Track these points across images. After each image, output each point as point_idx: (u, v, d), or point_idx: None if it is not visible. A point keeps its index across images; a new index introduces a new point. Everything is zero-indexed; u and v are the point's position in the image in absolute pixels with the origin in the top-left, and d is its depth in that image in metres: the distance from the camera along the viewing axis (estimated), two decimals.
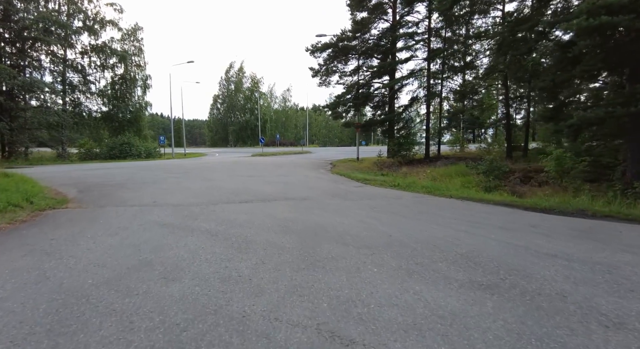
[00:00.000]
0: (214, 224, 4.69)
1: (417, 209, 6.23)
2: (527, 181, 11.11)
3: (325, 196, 7.43)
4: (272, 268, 3.08)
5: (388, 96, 20.26)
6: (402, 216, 5.51)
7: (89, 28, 26.11)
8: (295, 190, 8.43)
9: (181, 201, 6.48)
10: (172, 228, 4.47)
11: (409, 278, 2.90)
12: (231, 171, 13.43)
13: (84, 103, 27.61)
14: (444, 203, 7.02)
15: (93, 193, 7.31)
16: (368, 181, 10.95)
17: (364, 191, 8.67)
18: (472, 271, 3.06)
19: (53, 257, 3.28)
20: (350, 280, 2.85)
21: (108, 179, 10.26)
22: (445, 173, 12.53)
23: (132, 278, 2.82)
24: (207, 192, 7.70)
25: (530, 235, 4.39)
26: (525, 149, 15.82)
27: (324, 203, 6.54)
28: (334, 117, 23.56)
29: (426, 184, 10.21)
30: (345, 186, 9.70)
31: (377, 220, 5.09)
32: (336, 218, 5.21)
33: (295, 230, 4.47)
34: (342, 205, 6.47)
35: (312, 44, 19.59)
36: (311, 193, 7.83)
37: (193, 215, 5.31)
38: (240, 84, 69.71)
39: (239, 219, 5.03)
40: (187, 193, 7.52)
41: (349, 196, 7.55)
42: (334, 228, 4.58)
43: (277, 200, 6.86)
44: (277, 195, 7.49)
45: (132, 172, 12.98)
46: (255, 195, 7.44)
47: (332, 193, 7.97)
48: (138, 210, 5.65)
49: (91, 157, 25.44)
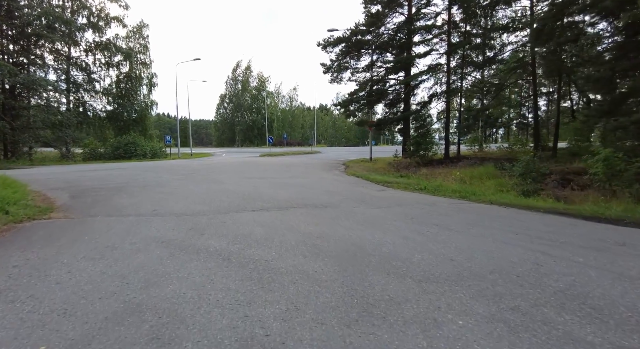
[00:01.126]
0: (225, 242, 3.78)
1: (461, 219, 5.26)
2: (566, 184, 10.05)
3: (349, 203, 6.49)
4: (312, 320, 2.15)
5: (404, 93, 19.24)
6: (449, 229, 4.54)
7: (93, 25, 25.47)
8: (313, 194, 7.50)
9: (186, 210, 5.59)
10: (173, 247, 3.56)
11: (517, 339, 1.95)
12: (240, 172, 12.57)
13: (89, 102, 27.00)
14: (488, 211, 6.03)
15: (86, 199, 6.45)
16: (389, 184, 9.99)
17: (390, 196, 7.71)
18: (603, 327, 2.10)
19: (3, 299, 2.38)
20: (432, 343, 1.91)
21: (107, 182, 9.43)
22: (473, 175, 11.51)
23: (108, 339, 1.91)
24: (215, 197, 6.81)
25: (632, 258, 3.40)
26: (554, 149, 14.71)
27: (351, 212, 5.60)
28: (346, 115, 22.59)
29: (456, 187, 9.22)
30: (367, 189, 8.75)
31: (423, 236, 4.14)
32: (372, 232, 4.27)
33: (327, 250, 3.54)
34: (372, 213, 5.52)
35: (324, 38, 18.70)
36: (332, 199, 6.90)
37: (199, 227, 4.41)
38: (247, 83, 68.97)
39: (254, 234, 4.12)
40: (193, 199, 6.63)
41: (376, 203, 6.60)
42: (375, 247, 3.64)
43: (296, 207, 5.94)
44: (294, 200, 6.57)
45: (135, 173, 12.17)
46: (270, 200, 6.52)
47: (355, 199, 7.02)
48: (134, 221, 4.76)
49: (96, 157, 24.80)
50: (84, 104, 26.81)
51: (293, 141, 63.45)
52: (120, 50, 27.55)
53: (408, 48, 19.02)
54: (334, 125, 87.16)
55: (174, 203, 6.20)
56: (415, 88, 19.12)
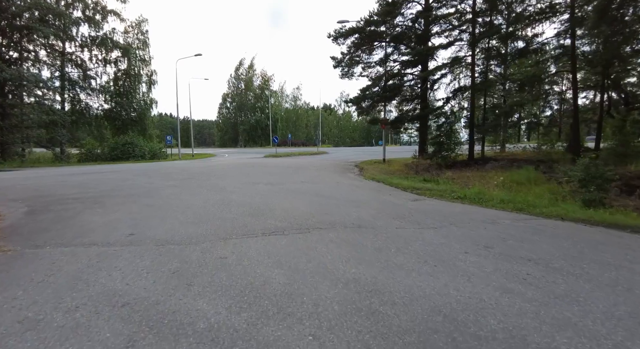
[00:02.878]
0: (224, 305, 2.30)
1: (554, 248, 3.75)
2: (630, 191, 8.50)
3: (386, 219, 5.00)
4: None
5: (420, 89, 17.68)
6: (560, 271, 3.04)
7: (89, 18, 24.09)
8: (336, 206, 6.01)
9: (173, 233, 4.12)
10: (137, 321, 2.09)
11: None
12: (244, 176, 11.10)
13: (85, 100, 25.62)
14: (574, 234, 4.51)
15: (46, 216, 4.99)
16: (419, 191, 8.50)
17: (431, 208, 6.21)
18: None
19: None
20: None
21: (87, 189, 7.98)
22: (513, 180, 9.95)
23: None
24: (214, 212, 5.34)
25: None
26: (596, 149, 13.13)
27: (397, 236, 4.11)
28: (358, 113, 21.06)
29: (502, 196, 7.70)
30: (397, 199, 7.26)
31: (533, 287, 2.64)
32: (450, 280, 2.77)
33: (398, 328, 2.05)
34: (426, 239, 4.02)
35: (335, 29, 17.16)
36: (362, 213, 5.41)
37: (187, 270, 2.94)
38: (251, 82, 67.52)
39: (271, 284, 2.65)
40: (186, 215, 5.17)
41: (420, 219, 5.10)
42: (475, 318, 2.15)
43: (320, 228, 4.46)
44: (316, 216, 5.09)
45: (125, 177, 10.73)
46: (284, 216, 5.05)
47: (390, 213, 5.53)
48: (95, 256, 3.29)
49: (92, 158, 23.46)
50: (80, 102, 25.43)
51: (297, 141, 62.06)
52: (118, 45, 26.17)
53: (425, 40, 17.47)
54: (339, 125, 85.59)
55: (160, 222, 4.73)
56: (435, 83, 17.56)
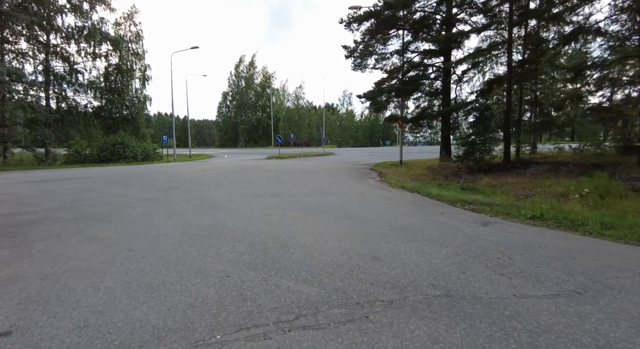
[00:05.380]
0: None
1: None
2: None
3: (480, 272, 2.89)
4: None
5: (444, 82, 15.58)
6: None
7: (74, 7, 22.01)
8: (383, 241, 3.90)
9: (94, 333, 2.03)
10: None
11: None
12: (244, 184, 8.99)
13: (72, 96, 23.53)
14: None
15: None
16: (475, 207, 6.43)
17: (523, 241, 4.08)
18: None
19: None
20: None
21: (26, 207, 5.88)
22: (589, 191, 7.84)
23: None
24: (192, 261, 3.25)
25: None
26: None
27: (532, 326, 2.00)
28: (374, 109, 18.98)
29: (592, 216, 5.57)
30: (458, 222, 5.15)
31: None
32: None
33: None
34: (592, 328, 1.91)
35: (348, 14, 15.06)
36: (432, 257, 3.30)
37: None
38: (251, 80, 65.33)
39: None
40: (142, 269, 3.07)
41: (534, 271, 2.99)
42: None
43: (382, 301, 2.36)
44: (361, 268, 3.00)
45: (93, 187, 8.62)
46: (310, 270, 2.95)
47: (476, 256, 3.42)
48: None
49: (79, 159, 21.41)
50: (67, 99, 23.35)
51: (300, 141, 60.01)
52: (108, 37, 24.10)
53: (450, 26, 15.36)
54: (341, 125, 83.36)
55: (86, 290, 2.63)
56: (465, 74, 15.42)
